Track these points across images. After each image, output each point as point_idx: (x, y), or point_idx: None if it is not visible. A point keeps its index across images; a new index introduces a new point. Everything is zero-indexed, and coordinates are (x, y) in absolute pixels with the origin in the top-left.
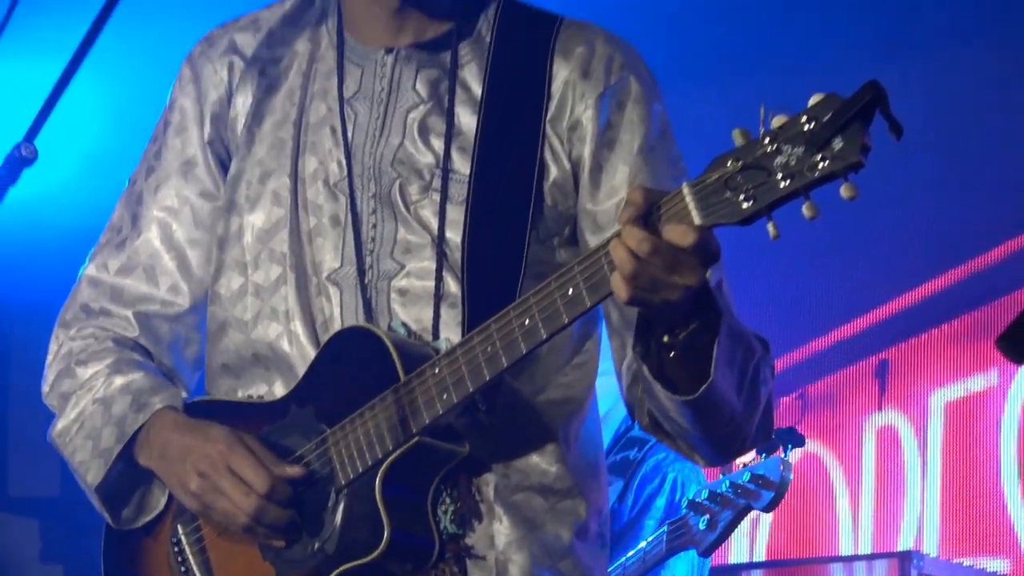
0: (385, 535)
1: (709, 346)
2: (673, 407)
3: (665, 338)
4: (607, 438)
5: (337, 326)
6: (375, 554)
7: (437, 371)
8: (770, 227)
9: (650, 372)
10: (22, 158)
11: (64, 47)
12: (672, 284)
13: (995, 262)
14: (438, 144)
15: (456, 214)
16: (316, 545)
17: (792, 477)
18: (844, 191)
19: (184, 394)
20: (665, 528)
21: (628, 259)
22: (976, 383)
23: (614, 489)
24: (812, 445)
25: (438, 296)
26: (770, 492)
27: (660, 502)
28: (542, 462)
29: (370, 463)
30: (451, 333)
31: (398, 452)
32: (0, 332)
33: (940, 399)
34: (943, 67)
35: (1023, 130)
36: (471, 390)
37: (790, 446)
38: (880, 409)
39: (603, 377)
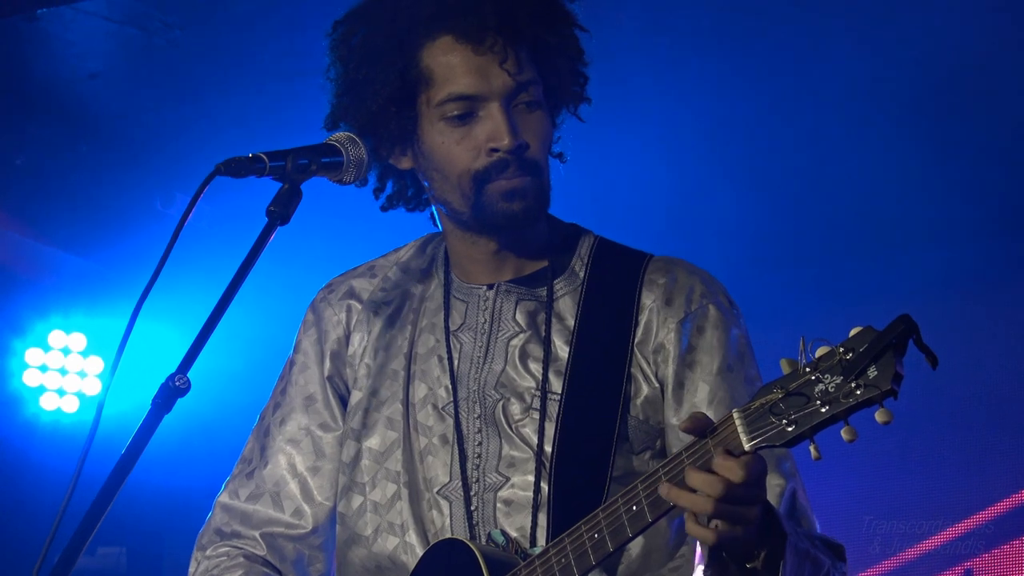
0: None
1: (776, 568)
2: None
3: (736, 565)
4: None
5: (448, 535)
6: None
7: None
8: (812, 449)
9: None
10: (176, 388)
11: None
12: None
13: None
14: (536, 368)
15: (553, 431)
16: None
17: None
18: (879, 416)
19: None
20: None
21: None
22: None
23: None
24: None
25: (535, 505)
26: None
27: None
28: None
29: None
30: (545, 539)
31: None
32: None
33: None
34: None
35: None
36: None
37: None
38: None
39: None
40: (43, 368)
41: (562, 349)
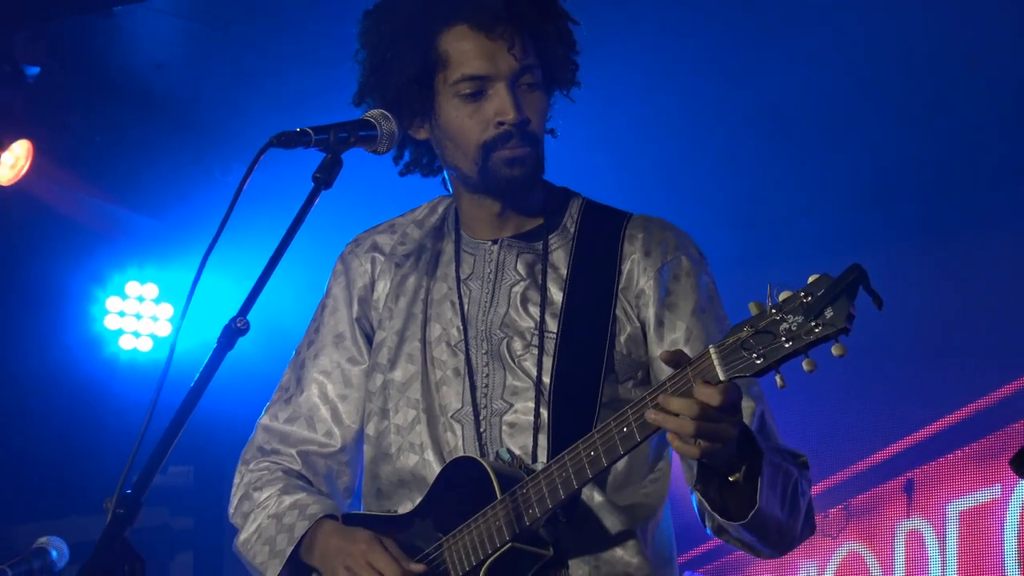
0: None
1: (755, 481)
2: (731, 527)
3: (719, 479)
4: None
5: (461, 454)
6: None
7: (525, 491)
8: (778, 379)
9: (711, 506)
10: (237, 329)
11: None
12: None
13: (996, 401)
14: (535, 311)
15: (550, 364)
16: None
17: None
18: (835, 350)
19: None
20: None
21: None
22: (984, 496)
23: None
24: (856, 546)
25: (536, 428)
26: None
27: None
28: (625, 555)
29: (475, 563)
30: (545, 457)
31: (495, 555)
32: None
33: (956, 509)
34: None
35: None
36: (550, 506)
37: None
38: (908, 517)
39: None
40: (121, 314)
41: (556, 294)
